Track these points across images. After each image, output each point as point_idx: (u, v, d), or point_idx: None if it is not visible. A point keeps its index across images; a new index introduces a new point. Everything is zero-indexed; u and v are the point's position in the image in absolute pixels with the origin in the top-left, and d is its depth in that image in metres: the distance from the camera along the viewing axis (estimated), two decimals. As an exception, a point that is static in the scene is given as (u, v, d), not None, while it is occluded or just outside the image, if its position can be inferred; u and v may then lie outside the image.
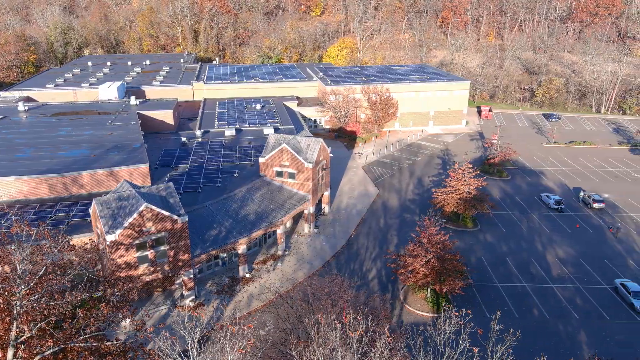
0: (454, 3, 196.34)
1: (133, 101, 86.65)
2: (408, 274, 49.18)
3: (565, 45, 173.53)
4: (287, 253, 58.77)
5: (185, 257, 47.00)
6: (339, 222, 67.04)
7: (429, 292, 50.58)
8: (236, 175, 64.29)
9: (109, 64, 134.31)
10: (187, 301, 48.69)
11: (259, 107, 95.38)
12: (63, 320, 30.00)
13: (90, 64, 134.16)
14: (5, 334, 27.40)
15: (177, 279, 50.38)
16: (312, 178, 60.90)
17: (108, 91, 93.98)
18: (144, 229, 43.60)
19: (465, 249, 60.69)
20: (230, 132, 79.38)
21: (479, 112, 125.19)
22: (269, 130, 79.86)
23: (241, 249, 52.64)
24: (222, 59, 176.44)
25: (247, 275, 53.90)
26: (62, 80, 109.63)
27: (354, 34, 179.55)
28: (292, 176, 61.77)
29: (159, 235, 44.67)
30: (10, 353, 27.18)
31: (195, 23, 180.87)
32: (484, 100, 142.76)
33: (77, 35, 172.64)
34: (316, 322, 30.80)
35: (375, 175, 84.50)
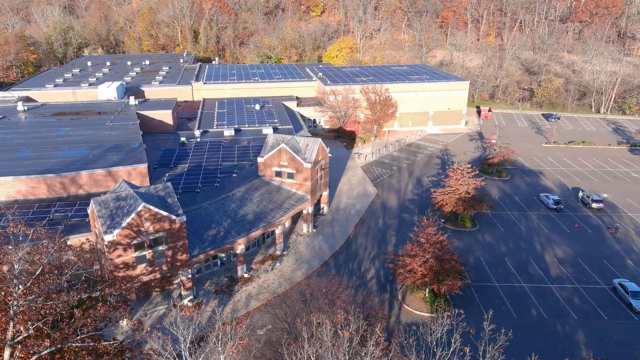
0: (454, 3, 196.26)
1: (132, 101, 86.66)
2: (406, 274, 49.22)
3: (565, 45, 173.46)
4: (285, 253, 58.77)
5: (183, 257, 47.03)
6: (338, 222, 67.05)
7: (427, 292, 50.57)
8: (235, 175, 64.31)
9: (108, 64, 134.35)
10: (186, 301, 48.73)
11: (258, 107, 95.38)
12: (60, 320, 30.04)
13: (89, 64, 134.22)
14: (2, 333, 27.46)
15: (176, 279, 50.40)
16: (310, 178, 60.92)
17: (107, 91, 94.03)
18: (142, 229, 43.62)
19: (464, 249, 60.69)
20: (229, 132, 79.38)
21: (479, 112, 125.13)
22: (268, 130, 79.88)
23: (239, 249, 52.66)
24: (221, 59, 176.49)
25: (246, 275, 53.93)
26: (62, 80, 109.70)
27: (353, 34, 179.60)
28: (290, 176, 61.80)
29: (157, 235, 44.69)
30: (7, 353, 27.21)
31: (194, 23, 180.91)
32: (483, 100, 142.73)
33: (76, 35, 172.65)
34: (308, 321, 30.85)
35: (374, 175, 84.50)
